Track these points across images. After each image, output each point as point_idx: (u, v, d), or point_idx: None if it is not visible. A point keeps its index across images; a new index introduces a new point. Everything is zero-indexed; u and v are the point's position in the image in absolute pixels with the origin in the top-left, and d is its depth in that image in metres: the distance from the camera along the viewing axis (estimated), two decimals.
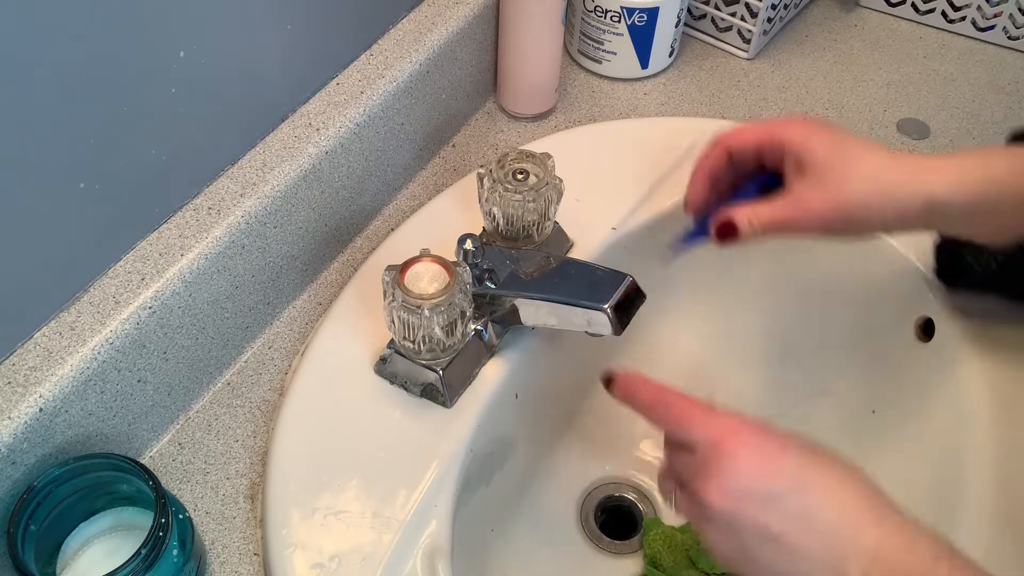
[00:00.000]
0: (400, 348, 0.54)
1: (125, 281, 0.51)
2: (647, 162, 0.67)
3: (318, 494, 0.51)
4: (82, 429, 0.49)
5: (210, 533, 0.52)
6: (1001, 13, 0.80)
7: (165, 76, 0.49)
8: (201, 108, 0.52)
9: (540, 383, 0.62)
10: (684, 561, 0.64)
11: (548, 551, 0.66)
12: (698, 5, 0.81)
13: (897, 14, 0.85)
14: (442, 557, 0.48)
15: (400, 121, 0.66)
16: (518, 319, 0.55)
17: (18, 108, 0.42)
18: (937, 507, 0.55)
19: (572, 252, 0.63)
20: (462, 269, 0.52)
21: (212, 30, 0.51)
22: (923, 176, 0.47)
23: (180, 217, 0.54)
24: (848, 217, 0.48)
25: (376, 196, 0.67)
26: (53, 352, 0.48)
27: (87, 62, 0.44)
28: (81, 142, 0.46)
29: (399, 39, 0.66)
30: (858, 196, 0.48)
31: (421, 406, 0.55)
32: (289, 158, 0.58)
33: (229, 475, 0.54)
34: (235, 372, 0.59)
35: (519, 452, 0.64)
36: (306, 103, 0.61)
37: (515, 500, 0.66)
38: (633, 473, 0.71)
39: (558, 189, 0.58)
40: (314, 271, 0.64)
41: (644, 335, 0.68)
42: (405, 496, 0.51)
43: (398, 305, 0.50)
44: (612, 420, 0.72)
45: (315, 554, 0.48)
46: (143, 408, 0.53)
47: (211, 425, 0.56)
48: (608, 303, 0.50)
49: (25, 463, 0.46)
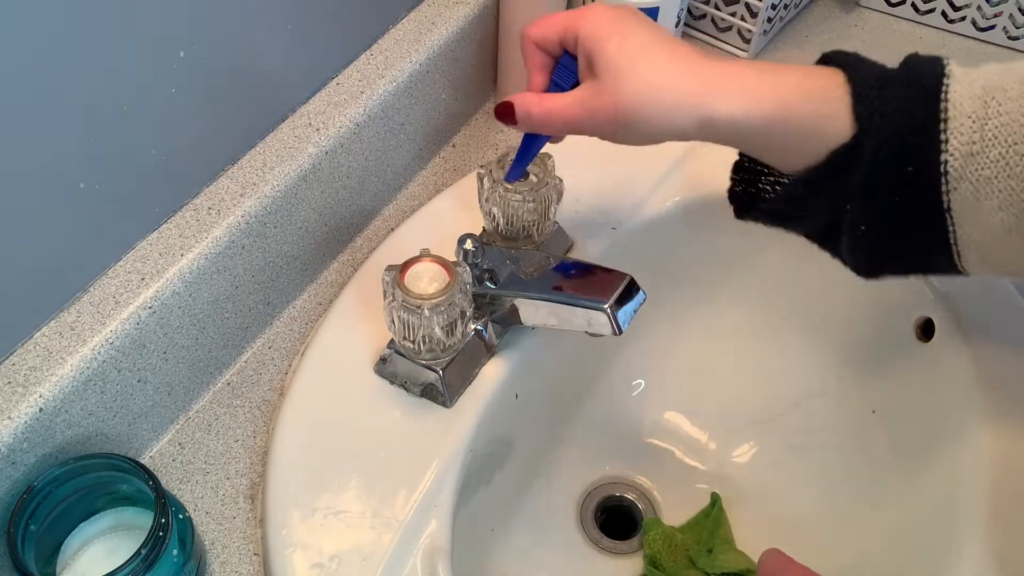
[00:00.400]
0: (400, 348, 0.54)
1: (125, 281, 0.51)
2: (647, 162, 0.67)
3: (318, 494, 0.51)
4: (82, 429, 0.49)
5: (210, 533, 0.52)
6: (1001, 13, 0.80)
7: (165, 76, 0.49)
8: (201, 108, 0.52)
9: (540, 383, 0.62)
10: (684, 561, 0.64)
11: (548, 551, 0.66)
12: (698, 5, 0.81)
13: (897, 14, 0.85)
14: (442, 557, 0.48)
15: (400, 121, 0.66)
16: (518, 319, 0.55)
17: (18, 108, 0.42)
18: (936, 506, 0.56)
19: (572, 252, 0.63)
20: (462, 269, 0.52)
21: (212, 30, 0.51)
22: (706, 97, 0.45)
23: (180, 217, 0.54)
24: (627, 123, 0.46)
25: (376, 196, 0.67)
26: (53, 352, 0.48)
27: (87, 62, 0.44)
28: (81, 142, 0.46)
29: (399, 39, 0.66)
30: (635, 103, 0.46)
31: (421, 406, 0.55)
32: (289, 158, 0.58)
33: (229, 475, 0.54)
34: (235, 372, 0.59)
35: (519, 452, 0.64)
36: (306, 103, 0.61)
37: (515, 500, 0.66)
38: (633, 473, 0.71)
39: (558, 189, 0.58)
40: (314, 271, 0.64)
41: (644, 335, 0.68)
42: (405, 496, 0.51)
43: (398, 305, 0.51)
44: (612, 420, 0.72)
45: (315, 554, 0.48)
46: (143, 408, 0.53)
47: (211, 425, 0.56)
48: (608, 303, 0.50)
49: (25, 463, 0.46)
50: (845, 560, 0.61)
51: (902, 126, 0.43)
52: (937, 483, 0.57)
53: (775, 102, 0.44)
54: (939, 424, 0.59)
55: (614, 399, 0.72)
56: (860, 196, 0.44)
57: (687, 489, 0.70)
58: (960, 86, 0.43)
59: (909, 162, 0.43)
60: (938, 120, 0.43)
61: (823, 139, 0.44)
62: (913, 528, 0.57)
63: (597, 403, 0.72)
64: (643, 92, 0.45)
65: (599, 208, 0.65)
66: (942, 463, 0.57)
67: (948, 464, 0.57)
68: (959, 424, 0.57)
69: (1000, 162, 0.42)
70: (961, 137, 0.42)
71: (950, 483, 0.55)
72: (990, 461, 0.54)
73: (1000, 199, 0.42)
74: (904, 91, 0.43)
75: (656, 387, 0.73)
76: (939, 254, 0.45)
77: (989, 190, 0.42)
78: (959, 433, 0.57)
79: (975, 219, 0.43)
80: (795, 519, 0.66)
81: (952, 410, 0.58)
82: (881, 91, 0.44)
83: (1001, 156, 0.42)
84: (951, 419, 0.58)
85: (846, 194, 0.45)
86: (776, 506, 0.67)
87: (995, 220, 0.43)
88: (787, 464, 0.69)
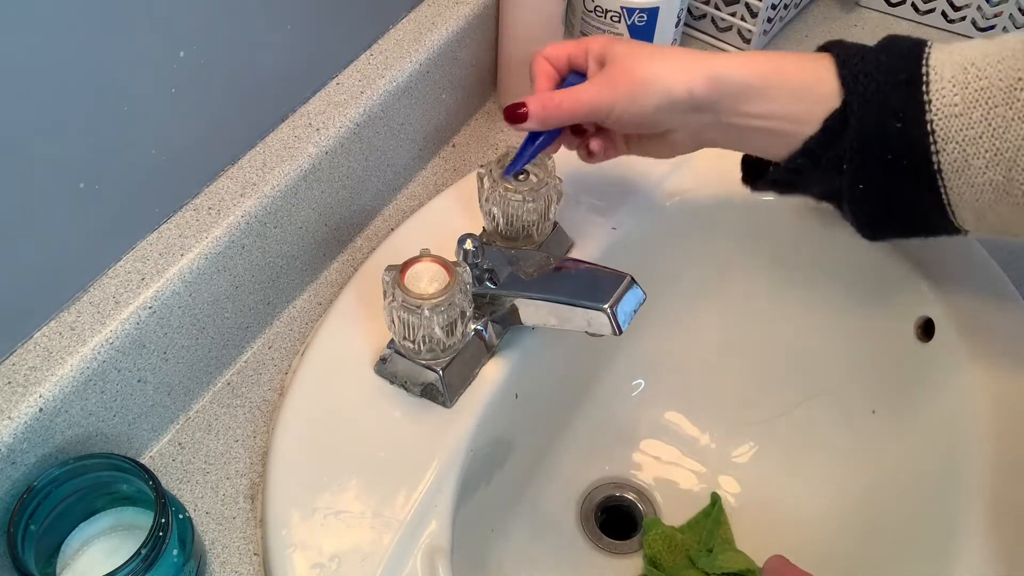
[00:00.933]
0: (400, 348, 0.54)
1: (125, 281, 0.51)
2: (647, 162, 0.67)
3: (318, 494, 0.51)
4: (82, 429, 0.49)
5: (210, 533, 0.52)
6: (1001, 13, 0.80)
7: (165, 76, 0.49)
8: (201, 108, 0.52)
9: (540, 383, 0.62)
10: (684, 561, 0.64)
11: (548, 551, 0.66)
12: (698, 5, 0.81)
13: (897, 14, 0.85)
14: (442, 557, 0.48)
15: (400, 121, 0.66)
16: (518, 319, 0.55)
17: (18, 108, 0.42)
18: (936, 506, 0.56)
19: (572, 252, 0.63)
20: (462, 269, 0.52)
21: (212, 30, 0.51)
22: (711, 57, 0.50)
23: (180, 217, 0.54)
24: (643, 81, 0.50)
25: (376, 196, 0.67)
26: (53, 352, 0.48)
27: (87, 62, 0.44)
28: (81, 142, 0.46)
29: (399, 39, 0.66)
30: (646, 68, 0.50)
31: (421, 406, 0.55)
32: (289, 158, 0.58)
33: (229, 475, 0.54)
34: (235, 372, 0.59)
35: (519, 452, 0.64)
36: (306, 103, 0.61)
37: (515, 500, 0.66)
38: (633, 473, 0.71)
39: (558, 189, 0.58)
40: (314, 271, 0.64)
41: (644, 335, 0.68)
42: (405, 496, 0.51)
43: (398, 305, 0.51)
44: (612, 420, 0.72)
45: (315, 554, 0.48)
46: (143, 408, 0.53)
47: (211, 425, 0.56)
48: (608, 303, 0.50)
49: (25, 463, 0.46)
50: (845, 560, 0.61)
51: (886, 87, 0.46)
52: (938, 484, 0.57)
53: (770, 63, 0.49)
54: (939, 424, 0.59)
55: (614, 399, 0.72)
56: (853, 157, 0.48)
57: (687, 489, 0.70)
58: (940, 53, 0.46)
59: (897, 120, 0.46)
60: (920, 82, 0.46)
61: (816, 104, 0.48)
62: (913, 529, 0.57)
63: (597, 403, 0.72)
64: (654, 62, 0.50)
65: (599, 208, 0.65)
66: (943, 463, 0.57)
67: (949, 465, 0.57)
68: (959, 424, 0.57)
69: (983, 123, 0.45)
70: (943, 99, 0.45)
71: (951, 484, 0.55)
72: (991, 462, 0.54)
73: (987, 159, 0.45)
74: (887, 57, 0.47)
75: (656, 387, 0.73)
76: (936, 214, 0.48)
77: (975, 150, 0.45)
78: (959, 433, 0.57)
79: (965, 178, 0.46)
80: (795, 519, 0.66)
81: (952, 410, 0.58)
82: (863, 58, 0.48)
83: (984, 117, 0.45)
84: (951, 419, 0.58)
85: (842, 157, 0.48)
86: (776, 506, 0.67)
87: (984, 179, 0.45)
88: (787, 464, 0.69)
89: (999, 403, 0.56)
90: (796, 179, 0.52)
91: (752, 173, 0.56)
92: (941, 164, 0.46)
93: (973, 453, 0.54)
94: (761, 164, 0.55)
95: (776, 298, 0.70)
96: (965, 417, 0.56)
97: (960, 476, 0.55)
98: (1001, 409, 0.55)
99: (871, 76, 0.47)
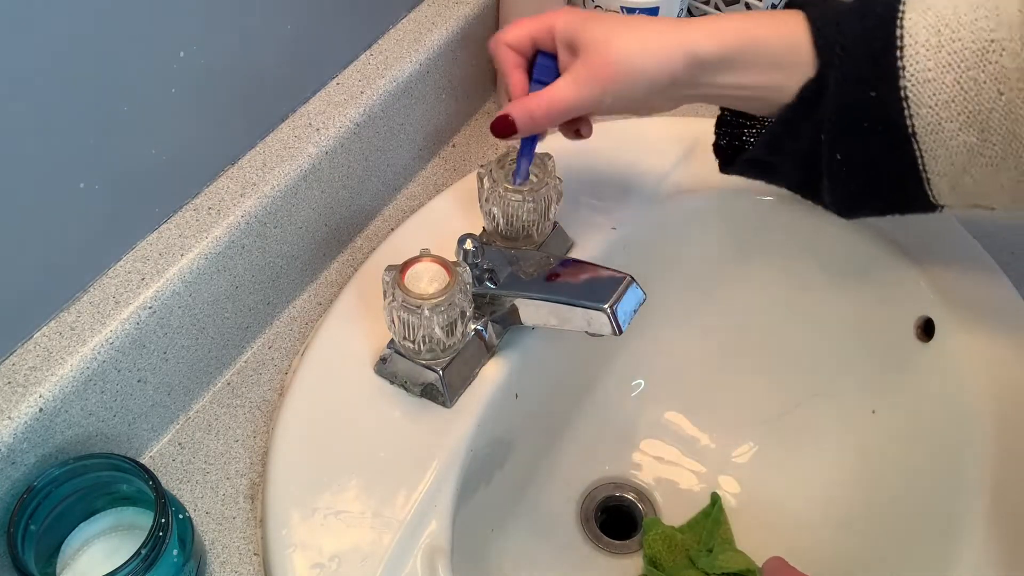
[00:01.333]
0: (400, 348, 0.54)
1: (125, 281, 0.51)
2: (647, 162, 0.67)
3: (318, 494, 0.51)
4: (82, 429, 0.49)
5: (210, 533, 0.52)
6: None
7: (165, 76, 0.49)
8: (201, 108, 0.52)
9: (540, 383, 0.62)
10: (684, 561, 0.64)
11: (548, 551, 0.66)
12: (698, 5, 0.81)
13: None
14: (442, 557, 0.48)
15: (400, 121, 0.66)
16: (518, 319, 0.55)
17: (18, 108, 0.42)
18: (937, 507, 0.56)
19: (572, 252, 0.63)
20: (462, 269, 0.52)
21: (212, 30, 0.51)
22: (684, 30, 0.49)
23: (180, 217, 0.54)
24: (625, 72, 0.49)
25: (376, 196, 0.67)
26: (53, 352, 0.48)
27: (87, 62, 0.44)
28: (81, 142, 0.46)
29: (399, 39, 0.66)
30: (624, 55, 0.49)
31: (421, 406, 0.55)
32: (289, 158, 0.58)
33: (229, 475, 0.54)
34: (235, 372, 0.59)
35: (519, 452, 0.64)
36: (306, 103, 0.61)
37: (515, 500, 0.66)
38: (633, 473, 0.71)
39: (558, 189, 0.58)
40: (314, 271, 0.64)
41: (644, 335, 0.68)
42: (405, 496, 0.51)
43: (398, 305, 0.51)
44: (612, 420, 0.72)
45: (315, 554, 0.48)
46: (143, 408, 0.53)
47: (211, 425, 0.56)
48: (608, 303, 0.50)
49: (25, 463, 0.46)
50: (846, 560, 0.61)
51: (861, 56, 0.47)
52: (938, 484, 0.57)
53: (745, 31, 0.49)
54: (939, 424, 0.59)
55: (614, 399, 0.72)
56: (832, 127, 0.48)
57: (687, 489, 0.70)
58: (915, 14, 0.46)
59: (872, 88, 0.47)
60: (894, 48, 0.46)
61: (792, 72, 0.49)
62: (913, 529, 0.57)
63: (597, 403, 0.72)
64: (631, 45, 0.49)
65: (599, 208, 0.65)
66: (943, 464, 0.57)
67: (949, 465, 0.57)
68: (960, 424, 0.57)
69: (956, 86, 0.45)
70: (916, 64, 0.46)
71: (951, 484, 0.55)
72: (991, 462, 0.54)
73: (961, 121, 0.46)
74: (861, 23, 0.47)
75: (656, 387, 0.73)
76: (913, 185, 0.49)
77: (948, 113, 0.46)
78: (960, 433, 0.57)
79: (939, 141, 0.47)
80: (795, 519, 0.66)
81: (952, 410, 0.58)
82: (838, 24, 0.48)
83: (956, 81, 0.45)
84: (952, 419, 0.58)
85: (819, 127, 0.49)
86: (776, 506, 0.67)
87: (958, 142, 0.46)
88: (787, 464, 0.69)
89: (999, 403, 0.56)
90: (773, 158, 0.53)
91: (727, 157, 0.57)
92: (916, 128, 0.47)
93: (973, 453, 0.54)
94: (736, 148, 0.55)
95: (776, 298, 0.70)
96: (965, 417, 0.56)
97: (960, 476, 0.55)
98: (1001, 409, 0.55)
99: (848, 50, 0.47)
